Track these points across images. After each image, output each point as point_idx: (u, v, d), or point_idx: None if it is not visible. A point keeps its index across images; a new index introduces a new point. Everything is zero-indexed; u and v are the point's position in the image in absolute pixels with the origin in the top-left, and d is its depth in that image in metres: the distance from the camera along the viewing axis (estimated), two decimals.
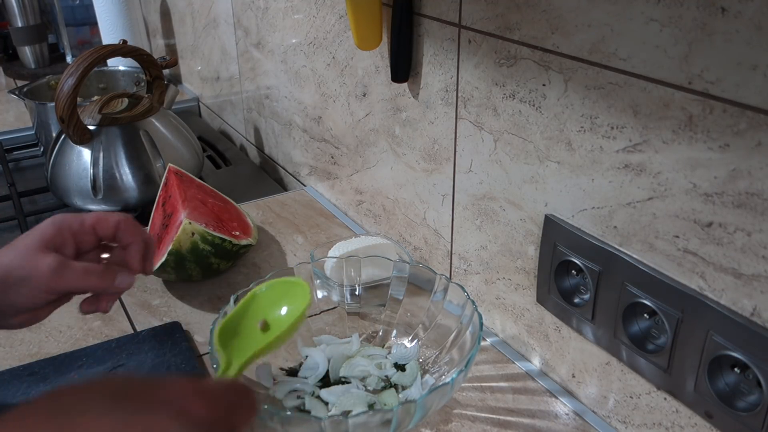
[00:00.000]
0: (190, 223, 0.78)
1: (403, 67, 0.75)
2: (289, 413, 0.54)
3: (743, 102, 0.43)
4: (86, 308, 0.57)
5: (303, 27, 0.99)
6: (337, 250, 0.77)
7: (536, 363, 0.70)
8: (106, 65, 1.45)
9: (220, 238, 0.79)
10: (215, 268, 0.82)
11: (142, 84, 1.37)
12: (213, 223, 0.81)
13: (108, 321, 0.78)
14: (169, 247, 0.77)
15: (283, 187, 1.21)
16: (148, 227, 0.88)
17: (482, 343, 0.73)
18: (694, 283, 0.50)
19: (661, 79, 0.48)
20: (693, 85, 0.46)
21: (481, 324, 0.61)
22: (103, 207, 1.02)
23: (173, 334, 0.74)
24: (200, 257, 0.79)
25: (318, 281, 0.73)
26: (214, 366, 0.58)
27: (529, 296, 0.68)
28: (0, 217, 1.05)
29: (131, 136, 1.03)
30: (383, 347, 0.70)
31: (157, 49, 1.79)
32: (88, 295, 0.58)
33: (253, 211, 1.04)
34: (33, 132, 1.28)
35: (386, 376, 0.66)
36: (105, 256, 0.59)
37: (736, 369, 0.48)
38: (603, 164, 0.55)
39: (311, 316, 0.72)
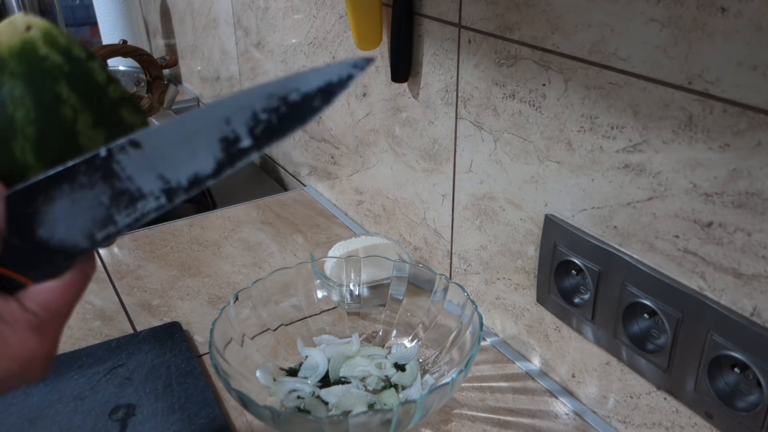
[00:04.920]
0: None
1: (403, 67, 0.75)
2: (289, 413, 0.54)
3: (743, 102, 0.43)
4: None
5: (303, 27, 0.99)
6: (337, 250, 0.77)
7: (536, 363, 0.70)
8: (106, 65, 1.45)
9: (84, 49, 0.38)
10: (72, 126, 0.36)
11: (142, 84, 1.37)
12: None
13: (108, 321, 0.78)
14: None
15: (283, 187, 1.21)
16: None
17: (482, 343, 0.73)
18: (694, 283, 0.50)
19: (661, 79, 0.48)
20: (693, 85, 0.46)
21: (481, 324, 0.61)
22: None
23: (173, 334, 0.74)
24: (39, 83, 0.36)
25: (318, 281, 0.73)
26: (214, 365, 0.58)
27: (529, 296, 0.68)
28: None
29: None
30: (383, 347, 0.70)
31: (157, 49, 1.79)
32: None
33: (253, 211, 1.04)
34: None
35: (386, 376, 0.66)
36: None
37: (736, 369, 0.48)
38: (603, 164, 0.55)
39: (311, 316, 0.72)
